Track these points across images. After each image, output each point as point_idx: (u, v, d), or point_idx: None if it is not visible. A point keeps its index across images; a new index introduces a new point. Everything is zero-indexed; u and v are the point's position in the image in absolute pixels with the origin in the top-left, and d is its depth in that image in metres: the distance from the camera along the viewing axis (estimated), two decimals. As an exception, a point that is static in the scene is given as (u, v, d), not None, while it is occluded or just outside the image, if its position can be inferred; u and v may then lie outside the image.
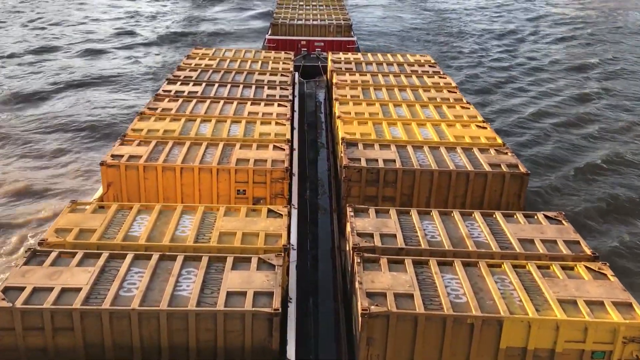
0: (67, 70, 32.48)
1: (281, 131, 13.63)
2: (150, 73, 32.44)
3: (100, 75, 31.81)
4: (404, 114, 15.06)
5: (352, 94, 16.56)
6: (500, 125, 25.59)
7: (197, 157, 11.92)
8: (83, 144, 23.05)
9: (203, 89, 16.70)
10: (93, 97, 28.22)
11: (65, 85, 29.91)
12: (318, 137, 17.58)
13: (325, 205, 13.42)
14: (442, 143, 13.09)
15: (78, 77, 31.30)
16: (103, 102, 27.60)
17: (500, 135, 14.06)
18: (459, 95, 16.84)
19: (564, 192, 20.24)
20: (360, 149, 12.46)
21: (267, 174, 11.59)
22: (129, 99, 28.50)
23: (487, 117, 26.08)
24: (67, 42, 38.94)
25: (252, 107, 15.30)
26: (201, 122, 13.97)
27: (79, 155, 22.05)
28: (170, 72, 18.83)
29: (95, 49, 37.34)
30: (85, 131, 24.18)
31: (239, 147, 12.47)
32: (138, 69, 33.46)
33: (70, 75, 31.58)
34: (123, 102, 27.84)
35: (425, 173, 11.59)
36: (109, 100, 28.02)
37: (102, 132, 23.93)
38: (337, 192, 13.01)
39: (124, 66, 33.93)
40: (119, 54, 36.89)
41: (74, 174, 20.52)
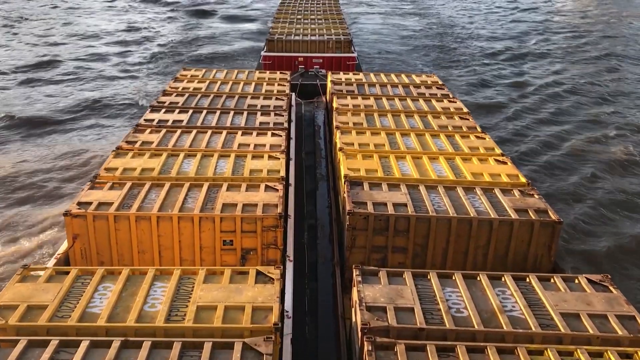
0: (49, 97, 30.33)
1: (275, 166, 12.02)
2: (139, 95, 30.62)
3: (79, 104, 29.21)
4: (413, 145, 13.46)
5: (354, 120, 14.99)
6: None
7: (177, 202, 10.31)
8: (53, 191, 20.37)
9: (189, 117, 15.11)
10: (70, 131, 25.65)
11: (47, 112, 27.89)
12: (317, 166, 15.99)
13: (326, 253, 11.78)
14: (459, 182, 11.48)
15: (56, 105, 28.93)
16: (79, 136, 25.15)
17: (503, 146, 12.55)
18: (472, 123, 15.26)
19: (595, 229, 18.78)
20: (366, 190, 10.85)
21: (258, 222, 9.98)
22: (110, 128, 26.27)
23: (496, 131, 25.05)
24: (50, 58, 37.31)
25: (243, 137, 13.71)
26: (185, 158, 12.36)
27: (43, 206, 19.25)
28: (156, 97, 17.22)
29: (71, 71, 35.13)
30: (55, 172, 21.55)
31: (225, 189, 10.86)
32: (123, 92, 31.19)
33: (45, 104, 29.22)
34: (103, 133, 25.63)
35: (442, 221, 9.98)
36: (87, 132, 25.64)
37: (76, 170, 21.68)
38: (340, 237, 11.39)
39: (107, 90, 31.74)
40: (105, 73, 34.85)
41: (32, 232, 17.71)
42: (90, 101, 29.66)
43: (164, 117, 15.05)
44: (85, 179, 19.40)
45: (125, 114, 28.06)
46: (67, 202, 10.46)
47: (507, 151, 13.81)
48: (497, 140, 16.33)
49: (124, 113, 28.27)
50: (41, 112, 27.78)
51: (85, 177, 20.04)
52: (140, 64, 37.24)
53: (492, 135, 15.10)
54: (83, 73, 34.67)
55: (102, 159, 19.85)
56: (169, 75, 33.13)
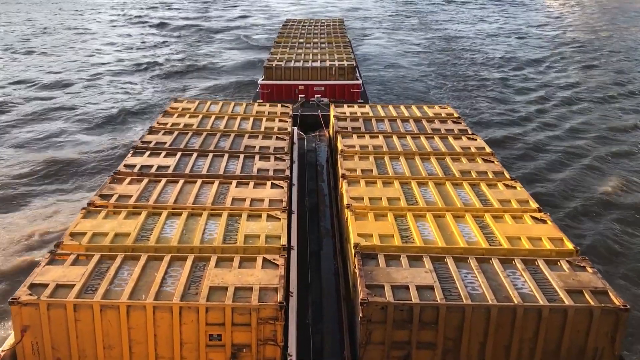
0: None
1: (274, 231, 10.16)
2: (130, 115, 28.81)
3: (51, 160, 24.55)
4: (433, 198, 11.60)
5: (363, 167, 13.14)
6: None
7: (153, 283, 8.43)
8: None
9: (177, 161, 13.29)
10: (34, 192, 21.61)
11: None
12: (321, 217, 14.13)
13: (334, 346, 9.85)
14: (493, 251, 9.61)
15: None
16: (43, 197, 21.20)
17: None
18: (498, 166, 13.43)
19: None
20: (382, 266, 8.96)
21: (253, 313, 8.09)
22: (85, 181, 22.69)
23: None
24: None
25: (238, 189, 11.88)
26: (168, 217, 10.50)
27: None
28: (140, 137, 15.42)
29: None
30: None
31: (214, 264, 8.99)
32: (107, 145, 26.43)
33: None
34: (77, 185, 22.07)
35: (479, 310, 8.09)
36: (52, 191, 21.74)
37: (39, 239, 18.36)
38: (350, 322, 9.49)
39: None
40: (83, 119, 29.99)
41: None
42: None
43: (147, 161, 13.23)
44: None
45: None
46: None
47: (540, 200, 11.94)
48: (524, 184, 14.54)
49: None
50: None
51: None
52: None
53: (521, 179, 13.22)
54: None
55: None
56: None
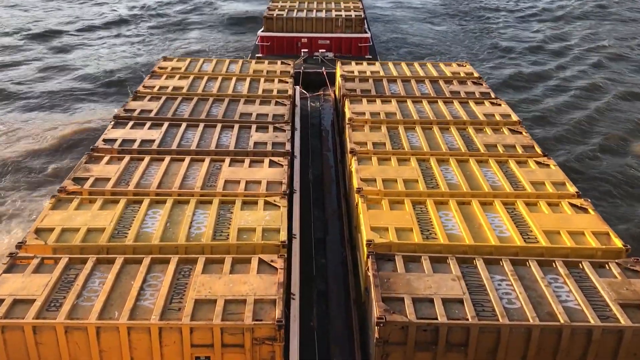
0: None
1: (273, 223, 8.74)
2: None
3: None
4: (456, 180, 10.11)
5: (374, 139, 11.60)
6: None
7: (128, 297, 7.10)
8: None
9: (163, 134, 11.75)
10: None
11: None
12: (326, 196, 12.67)
13: (345, 356, 8.56)
14: (529, 249, 8.20)
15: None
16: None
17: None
18: (527, 138, 11.86)
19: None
20: (400, 271, 7.58)
21: (246, 334, 6.78)
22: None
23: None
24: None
25: (232, 168, 10.40)
26: (149, 208, 9.08)
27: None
28: (125, 102, 13.80)
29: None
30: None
31: (201, 269, 7.63)
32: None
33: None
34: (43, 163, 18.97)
35: (517, 331, 6.75)
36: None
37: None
38: (362, 331, 8.20)
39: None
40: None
41: None
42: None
43: (130, 134, 11.71)
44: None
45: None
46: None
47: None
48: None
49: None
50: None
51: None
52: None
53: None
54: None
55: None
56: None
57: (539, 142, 12.15)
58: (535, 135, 15.75)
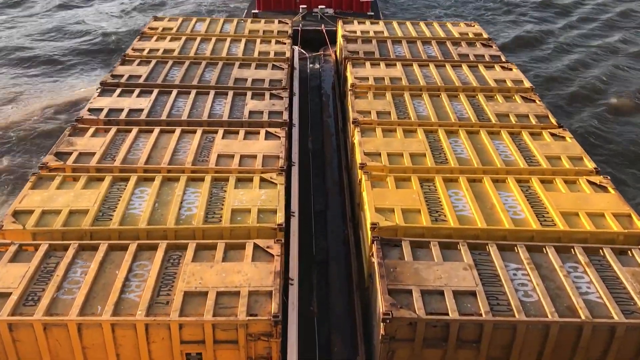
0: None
1: (269, 203, 8.12)
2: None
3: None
4: (467, 154, 9.42)
5: (379, 108, 10.86)
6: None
7: (112, 288, 6.54)
8: None
9: (152, 102, 11.00)
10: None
11: None
12: (327, 167, 12.00)
13: (346, 345, 8.06)
14: (547, 235, 7.60)
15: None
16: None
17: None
18: (541, 107, 11.12)
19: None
20: (407, 259, 7.00)
21: (240, 330, 6.26)
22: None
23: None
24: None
25: (225, 141, 9.72)
26: (136, 186, 8.44)
27: None
28: (113, 67, 12.98)
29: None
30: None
31: (192, 256, 7.06)
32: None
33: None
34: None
35: (534, 327, 6.22)
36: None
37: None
38: (365, 320, 7.69)
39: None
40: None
41: None
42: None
43: (117, 102, 10.96)
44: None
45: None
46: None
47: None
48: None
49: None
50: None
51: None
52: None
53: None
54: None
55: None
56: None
57: (550, 107, 11.44)
58: (545, 98, 14.97)
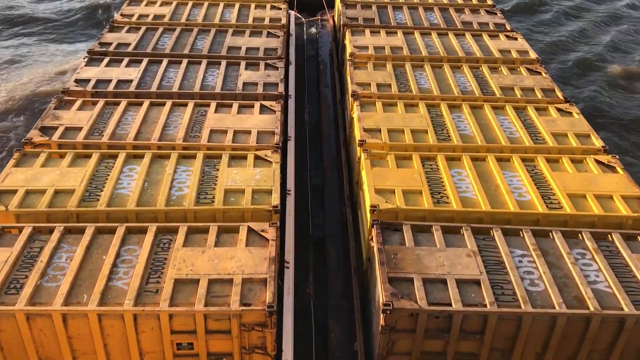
0: None
1: (263, 183, 7.76)
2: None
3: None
4: (470, 130, 9.04)
5: (379, 80, 10.41)
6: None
7: (99, 275, 6.24)
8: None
9: (142, 73, 10.50)
10: None
11: None
12: (324, 140, 11.59)
13: (343, 332, 7.80)
14: (554, 218, 7.29)
15: None
16: None
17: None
18: (548, 80, 10.69)
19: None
20: (408, 244, 6.69)
21: (233, 320, 5.99)
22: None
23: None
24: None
25: (218, 115, 9.29)
26: (125, 164, 8.06)
27: None
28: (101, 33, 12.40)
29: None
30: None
31: (183, 239, 6.74)
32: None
33: None
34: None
35: (541, 318, 5.96)
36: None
37: None
38: (363, 306, 7.44)
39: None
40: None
41: None
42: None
43: (105, 73, 10.47)
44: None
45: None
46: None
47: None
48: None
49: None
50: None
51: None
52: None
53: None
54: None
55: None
56: None
57: (554, 75, 10.99)
58: (548, 67, 14.45)
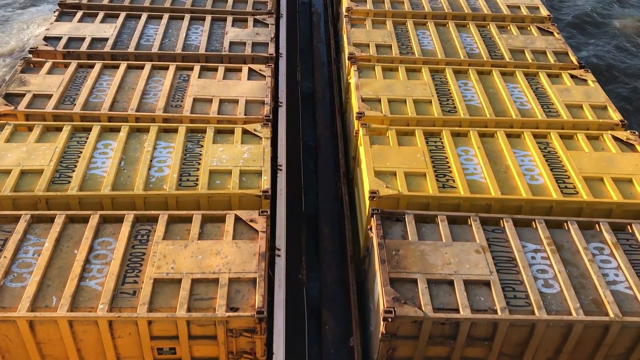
0: None
1: (252, 163, 7.06)
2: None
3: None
4: (478, 100, 8.30)
5: (378, 40, 9.54)
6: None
7: (70, 274, 5.63)
8: None
9: (119, 30, 9.55)
10: None
11: None
12: (318, 108, 10.76)
13: (339, 329, 7.27)
14: (569, 206, 6.69)
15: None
16: None
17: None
18: (560, 42, 9.87)
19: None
20: (411, 238, 6.10)
21: (219, 326, 5.44)
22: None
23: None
24: None
25: (202, 81, 8.47)
26: (99, 139, 7.30)
27: None
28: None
29: None
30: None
31: (163, 231, 6.11)
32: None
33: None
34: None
35: (555, 325, 5.46)
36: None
37: None
38: (360, 302, 6.91)
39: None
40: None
41: None
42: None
43: (78, 30, 9.53)
44: None
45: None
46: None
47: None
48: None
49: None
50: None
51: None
52: None
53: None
54: None
55: None
56: None
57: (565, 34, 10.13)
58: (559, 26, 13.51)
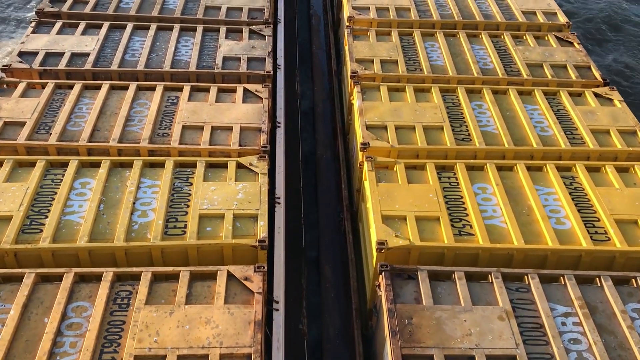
0: None
1: (247, 205, 6.34)
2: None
3: None
4: (494, 125, 7.57)
5: (382, 54, 8.76)
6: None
7: (39, 351, 4.94)
8: None
9: (101, 43, 8.77)
10: None
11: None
12: (317, 122, 10.02)
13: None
14: (599, 255, 6.00)
15: None
16: None
17: None
18: (582, 54, 9.10)
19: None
20: (425, 302, 5.39)
21: (209, 411, 4.77)
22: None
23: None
24: None
25: (192, 104, 7.71)
26: (77, 177, 6.56)
27: None
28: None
29: None
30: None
31: (145, 293, 5.41)
32: None
33: None
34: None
35: (592, 410, 4.80)
36: None
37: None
38: (366, 342, 6.24)
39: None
40: None
41: None
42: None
43: (56, 43, 8.75)
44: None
45: None
46: None
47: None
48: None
49: None
50: None
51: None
52: None
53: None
54: None
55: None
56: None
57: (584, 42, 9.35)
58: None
